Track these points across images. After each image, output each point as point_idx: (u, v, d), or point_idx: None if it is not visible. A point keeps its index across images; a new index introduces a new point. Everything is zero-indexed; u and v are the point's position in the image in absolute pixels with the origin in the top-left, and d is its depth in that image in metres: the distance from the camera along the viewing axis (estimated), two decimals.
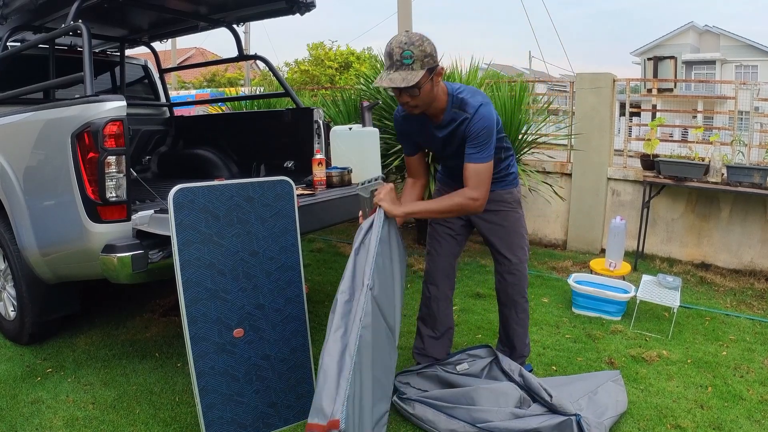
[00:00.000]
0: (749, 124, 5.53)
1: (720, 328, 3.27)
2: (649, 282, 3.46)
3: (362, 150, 3.22)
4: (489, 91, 4.56)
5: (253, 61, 5.20)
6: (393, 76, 1.93)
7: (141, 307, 3.45)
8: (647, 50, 24.81)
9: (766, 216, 4.30)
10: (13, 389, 2.48)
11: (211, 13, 3.49)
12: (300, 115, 3.44)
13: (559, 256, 4.83)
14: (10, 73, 3.18)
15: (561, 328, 3.24)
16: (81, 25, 2.41)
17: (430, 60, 1.94)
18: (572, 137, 4.88)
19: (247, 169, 3.74)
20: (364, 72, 6.71)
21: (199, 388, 1.98)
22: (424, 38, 1.94)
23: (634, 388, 2.55)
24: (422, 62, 1.92)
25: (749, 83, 5.10)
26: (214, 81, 20.32)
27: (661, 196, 4.63)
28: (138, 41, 4.05)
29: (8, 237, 2.71)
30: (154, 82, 4.35)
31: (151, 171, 4.20)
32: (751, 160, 4.89)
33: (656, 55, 21.02)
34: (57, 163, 2.31)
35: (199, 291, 1.98)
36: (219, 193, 2.02)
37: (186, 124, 4.35)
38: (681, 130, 8.05)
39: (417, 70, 1.91)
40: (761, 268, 4.34)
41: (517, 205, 2.41)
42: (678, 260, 4.67)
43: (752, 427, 2.25)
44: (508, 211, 2.38)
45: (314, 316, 3.31)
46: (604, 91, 4.84)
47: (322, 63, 17.76)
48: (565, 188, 5.09)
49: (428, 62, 1.93)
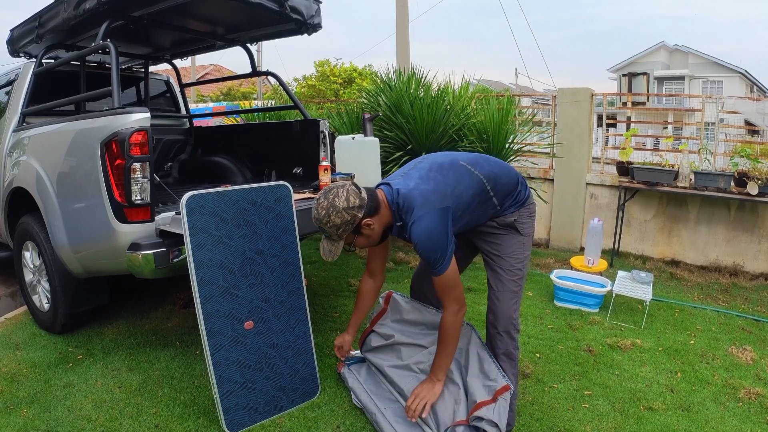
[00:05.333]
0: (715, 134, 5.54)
1: (688, 320, 3.27)
2: (624, 277, 3.46)
3: (364, 158, 3.22)
4: (479, 104, 4.56)
5: (265, 77, 5.19)
6: (324, 244, 1.87)
7: (163, 300, 3.44)
8: (622, 67, 24.76)
9: (730, 217, 4.31)
10: (47, 374, 2.48)
11: (227, 33, 3.49)
12: (308, 125, 3.44)
13: (543, 254, 4.83)
14: (44, 87, 3.18)
15: (544, 319, 3.24)
16: (109, 44, 2.42)
17: (346, 227, 1.79)
18: (554, 146, 4.88)
19: (259, 175, 3.74)
20: (365, 87, 6.71)
21: (216, 377, 1.98)
22: (330, 211, 1.78)
23: (610, 373, 2.54)
24: (338, 234, 1.82)
25: (715, 97, 5.12)
26: (229, 95, 20.30)
27: (635, 200, 4.63)
28: (161, 58, 4.05)
29: (43, 236, 2.71)
30: (176, 95, 4.35)
31: (172, 176, 4.20)
32: (717, 166, 4.90)
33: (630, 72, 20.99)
34: (87, 169, 2.31)
35: (212, 289, 1.98)
36: (226, 198, 2.01)
37: (204, 133, 4.35)
38: (653, 140, 8.06)
39: (337, 241, 1.85)
40: (725, 265, 4.34)
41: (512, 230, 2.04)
42: (650, 257, 4.66)
43: (717, 408, 2.25)
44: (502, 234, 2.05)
45: (319, 308, 3.31)
46: (583, 104, 4.84)
47: (327, 78, 17.76)
48: (548, 192, 5.08)
49: (344, 230, 1.80)
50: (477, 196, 1.91)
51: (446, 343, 1.93)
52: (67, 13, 2.74)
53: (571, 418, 2.17)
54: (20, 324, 3.07)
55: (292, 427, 2.08)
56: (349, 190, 1.81)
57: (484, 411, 1.83)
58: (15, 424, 2.08)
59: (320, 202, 1.82)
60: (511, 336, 2.03)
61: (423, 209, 1.79)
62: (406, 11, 7.25)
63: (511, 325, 2.02)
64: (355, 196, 1.80)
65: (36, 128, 2.84)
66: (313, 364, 2.29)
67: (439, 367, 1.96)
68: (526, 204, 2.06)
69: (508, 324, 2.02)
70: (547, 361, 2.66)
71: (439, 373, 1.96)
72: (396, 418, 2.02)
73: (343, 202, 1.78)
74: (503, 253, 2.03)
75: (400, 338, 2.26)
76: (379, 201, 1.86)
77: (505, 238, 2.04)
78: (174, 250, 2.24)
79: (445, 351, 1.94)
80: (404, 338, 2.25)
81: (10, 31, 3.48)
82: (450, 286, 1.86)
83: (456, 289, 1.87)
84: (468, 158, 1.99)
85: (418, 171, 1.92)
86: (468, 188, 1.89)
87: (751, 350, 2.78)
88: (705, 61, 24.21)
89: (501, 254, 2.04)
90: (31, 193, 2.72)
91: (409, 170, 1.96)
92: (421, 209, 1.79)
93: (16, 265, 3.14)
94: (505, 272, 2.02)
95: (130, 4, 2.65)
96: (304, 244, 4.76)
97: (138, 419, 2.12)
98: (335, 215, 1.78)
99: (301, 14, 3.03)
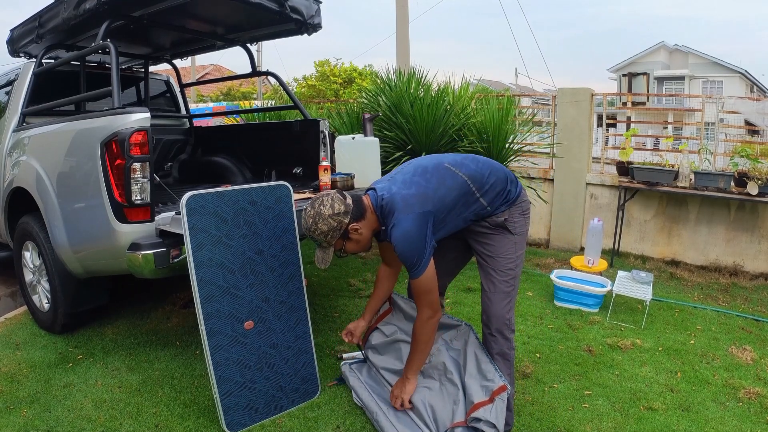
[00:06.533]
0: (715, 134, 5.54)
1: (688, 319, 3.27)
2: (624, 277, 3.46)
3: (364, 157, 3.22)
4: (479, 104, 4.56)
5: (265, 77, 5.19)
6: (318, 254, 1.92)
7: (163, 300, 3.44)
8: (622, 67, 24.76)
9: (730, 217, 4.31)
10: (47, 374, 2.48)
11: (227, 33, 3.49)
12: (308, 125, 3.44)
13: (543, 254, 4.83)
14: (44, 87, 3.18)
15: (544, 319, 3.24)
16: (109, 44, 2.41)
17: (333, 233, 1.85)
18: (554, 146, 4.88)
19: (259, 175, 3.74)
20: (365, 87, 6.70)
21: (216, 377, 1.98)
22: (317, 219, 1.84)
23: (610, 373, 2.54)
24: (327, 241, 1.87)
25: (715, 97, 5.12)
26: (229, 95, 20.31)
27: (635, 200, 4.63)
28: (161, 58, 4.04)
29: (43, 236, 2.71)
30: (176, 95, 4.35)
31: (172, 176, 4.19)
32: (717, 166, 4.90)
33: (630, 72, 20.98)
34: (87, 169, 2.31)
35: (212, 289, 1.98)
36: (226, 198, 2.01)
37: (204, 133, 4.35)
38: (653, 140, 8.06)
39: (327, 248, 1.90)
40: (725, 265, 4.34)
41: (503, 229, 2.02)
42: (650, 257, 4.66)
43: (717, 408, 2.25)
44: (494, 235, 2.04)
45: (319, 308, 3.31)
46: (583, 104, 4.84)
47: (327, 78, 17.76)
48: (548, 192, 5.08)
49: (332, 237, 1.86)
50: (461, 198, 1.92)
51: (416, 345, 2.01)
52: (67, 13, 2.74)
53: (571, 418, 2.16)
54: (20, 324, 3.07)
55: (292, 427, 2.08)
56: (333, 198, 1.87)
57: (481, 412, 1.83)
58: (15, 424, 2.08)
59: (307, 211, 1.88)
60: (505, 336, 2.02)
61: (402, 213, 1.82)
62: (406, 11, 7.25)
63: (505, 325, 2.01)
64: (339, 203, 1.85)
65: (36, 128, 2.84)
66: (313, 364, 2.29)
67: (410, 367, 2.06)
68: (518, 202, 2.04)
69: (501, 325, 2.01)
70: (547, 361, 2.66)
71: (409, 372, 2.06)
72: (397, 417, 2.03)
73: (328, 209, 1.84)
74: (495, 253, 2.02)
75: (402, 336, 2.28)
76: (364, 206, 1.91)
77: (496, 239, 2.03)
78: (175, 249, 2.24)
79: (416, 352, 2.02)
80: (405, 337, 2.26)
81: (10, 31, 3.48)
82: (424, 290, 1.88)
83: (430, 294, 1.89)
84: (454, 160, 2.00)
85: (402, 175, 1.95)
86: (451, 190, 1.90)
87: (751, 350, 2.78)
88: (705, 61, 24.21)
89: (492, 255, 2.03)
90: (31, 193, 2.72)
91: (395, 174, 2.00)
92: (401, 213, 1.82)
93: (16, 265, 3.14)
94: (497, 273, 2.01)
95: (130, 4, 2.65)
96: (304, 244, 4.76)
97: (138, 419, 2.12)
98: (321, 223, 1.83)
99: (301, 14, 3.03)
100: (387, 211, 1.87)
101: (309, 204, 1.89)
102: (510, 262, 2.02)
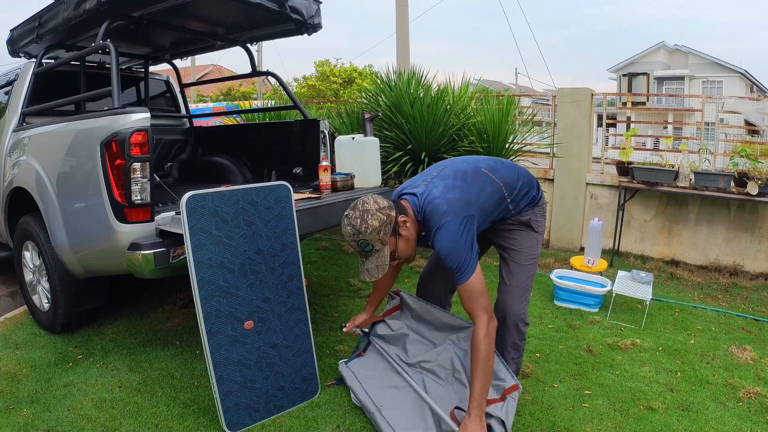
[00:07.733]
0: (715, 134, 5.54)
1: (688, 319, 3.27)
2: (624, 277, 3.46)
3: (364, 157, 3.22)
4: (479, 104, 4.56)
5: (265, 77, 5.20)
6: (369, 267, 1.82)
7: (163, 300, 3.45)
8: (622, 67, 24.77)
9: (730, 217, 4.31)
10: (47, 374, 2.48)
11: (227, 33, 3.49)
12: (308, 125, 3.44)
13: (543, 254, 4.83)
14: (44, 87, 3.18)
15: (544, 319, 3.24)
16: (109, 44, 2.42)
17: (386, 228, 1.76)
18: (554, 146, 4.88)
19: (259, 175, 3.74)
20: (365, 87, 6.71)
21: (216, 377, 1.98)
22: (365, 215, 1.76)
23: (610, 373, 2.54)
24: (380, 239, 1.77)
25: (715, 97, 5.11)
26: (229, 95, 20.30)
27: (635, 200, 4.63)
28: (161, 58, 4.05)
29: (43, 236, 2.71)
30: (176, 95, 4.35)
31: (172, 176, 4.20)
32: (717, 166, 4.90)
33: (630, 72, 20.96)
34: (87, 169, 2.31)
35: (212, 289, 1.98)
36: (226, 198, 2.01)
37: (204, 133, 4.35)
38: (653, 140, 8.05)
39: (381, 248, 1.80)
40: (725, 265, 4.34)
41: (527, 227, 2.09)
42: (650, 257, 4.66)
43: (717, 408, 2.25)
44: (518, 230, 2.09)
45: (319, 307, 3.31)
46: (583, 104, 4.84)
47: (327, 78, 17.74)
48: (548, 192, 5.08)
49: (385, 234, 1.77)
50: (496, 203, 1.97)
51: (476, 365, 1.75)
52: (67, 14, 2.75)
53: (571, 417, 2.17)
54: (20, 324, 3.07)
55: (292, 426, 2.08)
56: (372, 196, 1.85)
57: (492, 408, 1.84)
58: (15, 424, 2.08)
59: (349, 215, 1.81)
60: (519, 329, 2.07)
61: (448, 216, 1.78)
62: (406, 11, 7.25)
63: (520, 319, 2.06)
64: (381, 199, 1.84)
65: (36, 128, 2.84)
66: (313, 363, 2.29)
67: (476, 397, 1.75)
68: (540, 204, 2.12)
69: (518, 319, 2.05)
70: (547, 361, 2.66)
71: (474, 408, 1.74)
72: (393, 414, 2.03)
73: (373, 205, 1.79)
74: (519, 246, 2.08)
75: (408, 332, 2.29)
76: (404, 206, 1.88)
77: (521, 234, 2.09)
78: (177, 249, 2.24)
79: (477, 375, 1.75)
80: (411, 333, 2.28)
81: (10, 31, 3.49)
82: (475, 294, 1.79)
83: (482, 296, 1.79)
84: (487, 164, 2.03)
85: (442, 179, 1.92)
86: (491, 196, 1.94)
87: (751, 350, 2.78)
88: (705, 61, 24.23)
89: (516, 248, 2.08)
90: (31, 193, 2.72)
91: (433, 178, 1.95)
92: (446, 216, 1.78)
93: (16, 265, 3.14)
94: (519, 266, 2.06)
95: (130, 4, 2.65)
96: (304, 244, 4.76)
97: (138, 419, 2.12)
98: (371, 218, 1.76)
99: (301, 14, 3.03)
100: (430, 214, 1.82)
101: (349, 210, 1.82)
102: (531, 257, 2.08)
